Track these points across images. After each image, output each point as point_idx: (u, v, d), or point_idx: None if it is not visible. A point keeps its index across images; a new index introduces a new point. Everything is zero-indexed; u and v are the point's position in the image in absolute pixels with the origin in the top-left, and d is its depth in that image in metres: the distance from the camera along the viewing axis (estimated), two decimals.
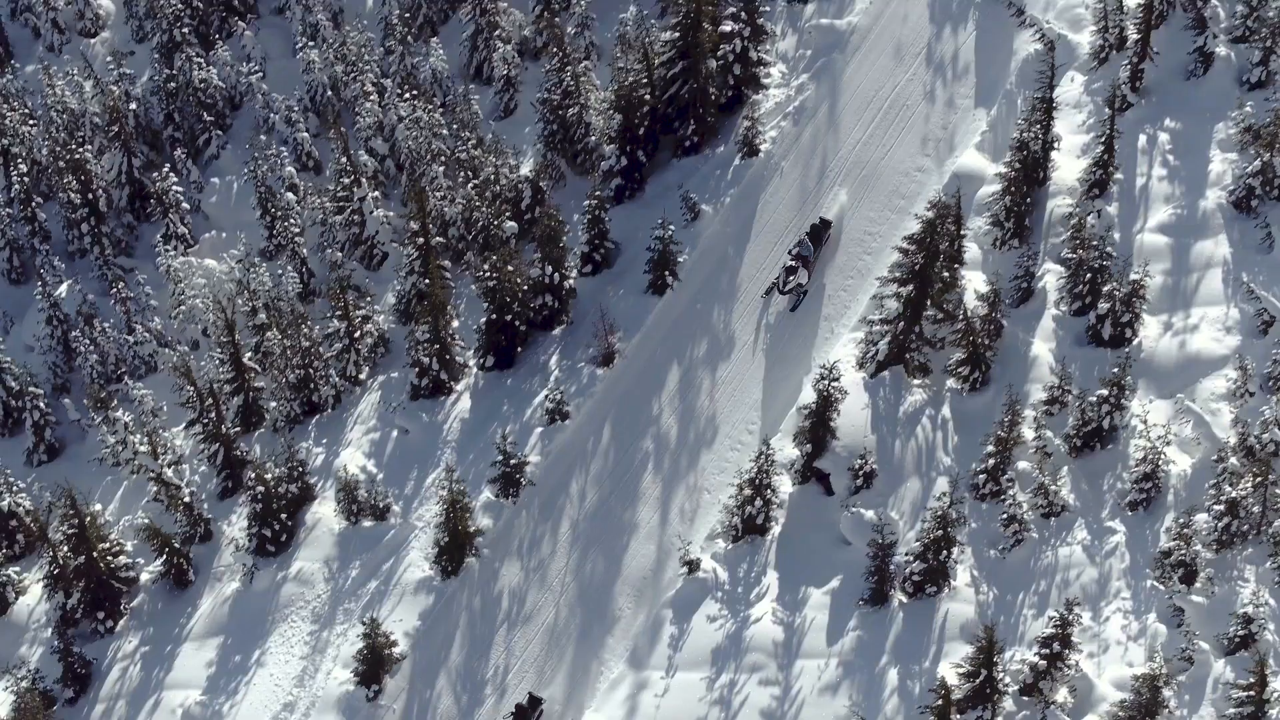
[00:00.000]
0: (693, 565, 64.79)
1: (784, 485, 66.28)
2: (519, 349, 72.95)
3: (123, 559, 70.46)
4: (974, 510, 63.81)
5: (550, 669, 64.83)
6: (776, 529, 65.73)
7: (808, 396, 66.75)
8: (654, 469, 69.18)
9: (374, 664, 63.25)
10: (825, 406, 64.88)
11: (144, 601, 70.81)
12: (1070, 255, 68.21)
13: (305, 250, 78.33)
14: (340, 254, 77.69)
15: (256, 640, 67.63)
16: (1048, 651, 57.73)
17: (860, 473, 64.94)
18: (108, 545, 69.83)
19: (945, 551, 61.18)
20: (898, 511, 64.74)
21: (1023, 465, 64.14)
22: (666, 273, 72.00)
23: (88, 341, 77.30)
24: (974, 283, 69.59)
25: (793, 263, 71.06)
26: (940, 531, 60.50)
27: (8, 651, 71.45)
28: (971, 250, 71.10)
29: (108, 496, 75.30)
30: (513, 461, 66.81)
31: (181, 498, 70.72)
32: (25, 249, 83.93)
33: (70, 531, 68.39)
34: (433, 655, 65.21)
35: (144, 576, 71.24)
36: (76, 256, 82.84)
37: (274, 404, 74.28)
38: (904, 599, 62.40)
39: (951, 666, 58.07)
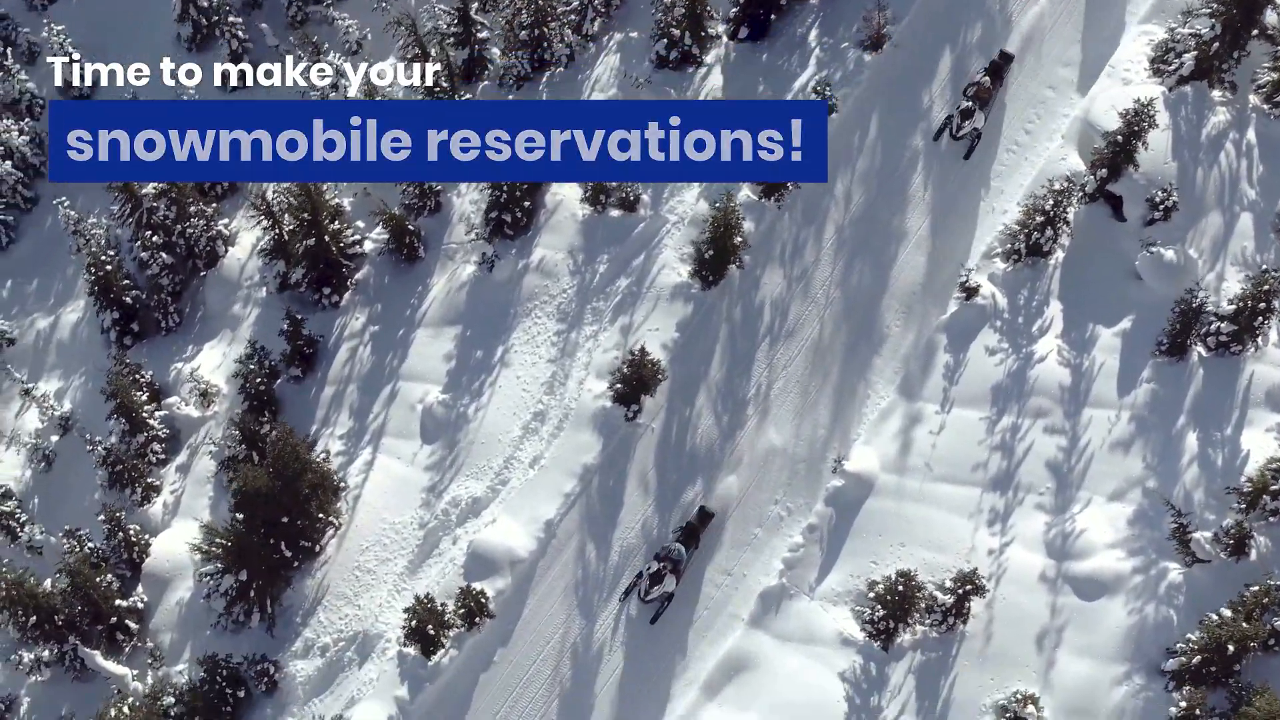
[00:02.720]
0: (971, 291, 60.91)
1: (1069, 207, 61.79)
2: (773, 18, 66.99)
3: (351, 233, 66.23)
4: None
5: (815, 389, 61.24)
6: (1060, 254, 61.57)
7: (1102, 111, 61.54)
8: (924, 170, 64.13)
9: (636, 387, 60.17)
10: (1132, 137, 59.92)
11: (369, 275, 66.68)
12: None
13: None
14: None
15: (499, 335, 63.69)
16: None
17: (1160, 205, 60.41)
18: (339, 226, 65.45)
19: (1261, 318, 57.50)
20: (1196, 249, 60.39)
21: None
22: None
23: None
24: None
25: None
26: (1262, 303, 56.80)
27: (220, 308, 68.28)
28: None
29: None
30: None
31: None
32: None
33: (305, 217, 63.95)
34: (692, 370, 61.41)
35: (368, 245, 67.00)
36: None
37: (499, 55, 68.56)
38: (1204, 353, 58.87)
39: (1265, 462, 55.28)
